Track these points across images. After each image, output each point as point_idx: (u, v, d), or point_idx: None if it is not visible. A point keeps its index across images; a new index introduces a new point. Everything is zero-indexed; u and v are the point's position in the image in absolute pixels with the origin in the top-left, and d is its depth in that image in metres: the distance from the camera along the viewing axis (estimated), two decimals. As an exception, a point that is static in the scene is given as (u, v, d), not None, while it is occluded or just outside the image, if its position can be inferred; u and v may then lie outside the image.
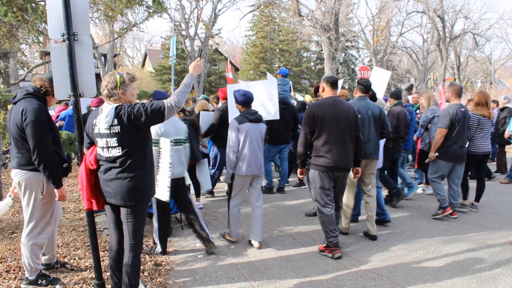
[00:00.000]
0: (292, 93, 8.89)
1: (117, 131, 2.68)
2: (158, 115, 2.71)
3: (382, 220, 5.02)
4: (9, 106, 3.58)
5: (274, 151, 6.78)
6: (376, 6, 43.86)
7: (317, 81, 24.54)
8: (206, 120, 6.08)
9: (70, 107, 9.01)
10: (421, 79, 36.38)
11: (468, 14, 30.50)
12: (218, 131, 6.04)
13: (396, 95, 6.21)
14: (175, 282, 3.52)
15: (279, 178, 7.09)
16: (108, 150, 2.74)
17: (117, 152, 2.72)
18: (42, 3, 4.77)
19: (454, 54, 31.70)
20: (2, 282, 3.37)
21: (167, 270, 3.76)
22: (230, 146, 4.24)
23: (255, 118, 4.30)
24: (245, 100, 4.32)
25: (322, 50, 19.21)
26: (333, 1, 16.74)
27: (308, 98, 10.08)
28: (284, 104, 6.56)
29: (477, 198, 5.71)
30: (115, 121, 2.68)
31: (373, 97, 5.10)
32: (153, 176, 3.00)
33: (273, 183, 6.98)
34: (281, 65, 39.73)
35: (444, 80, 22.36)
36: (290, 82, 7.25)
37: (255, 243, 4.35)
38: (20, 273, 3.54)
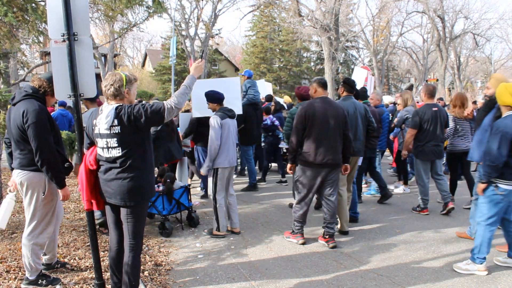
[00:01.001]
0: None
1: (117, 131, 2.69)
2: (157, 116, 2.71)
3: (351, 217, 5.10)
4: (9, 106, 3.57)
5: (250, 151, 7.01)
6: (376, 6, 43.91)
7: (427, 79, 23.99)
8: (184, 121, 6.25)
9: (59, 108, 9.00)
10: (421, 79, 36.38)
11: (468, 14, 30.52)
12: (200, 130, 6.06)
13: (361, 95, 6.19)
14: (175, 282, 3.52)
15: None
16: (108, 150, 2.74)
17: (117, 152, 2.72)
18: (42, 3, 4.77)
19: (454, 54, 31.70)
20: (2, 282, 3.37)
21: (167, 270, 3.76)
22: (213, 140, 4.47)
23: (232, 114, 4.71)
24: (220, 98, 4.71)
25: (322, 50, 19.20)
26: (333, 1, 16.73)
27: (286, 99, 10.32)
28: (256, 105, 6.85)
29: (472, 193, 5.72)
30: (115, 122, 2.68)
31: (356, 95, 5.24)
32: (153, 176, 3.01)
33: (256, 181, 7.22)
34: (281, 65, 39.77)
35: (426, 80, 22.57)
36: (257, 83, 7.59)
37: (236, 230, 4.79)
38: (20, 273, 3.54)
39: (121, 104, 2.74)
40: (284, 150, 7.78)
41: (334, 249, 4.26)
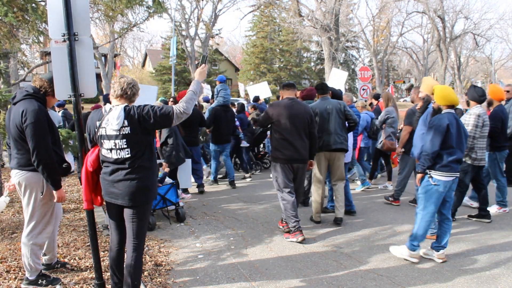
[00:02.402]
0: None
1: (127, 132, 2.69)
2: (166, 120, 2.74)
3: (348, 211, 5.42)
4: (10, 106, 3.57)
5: (218, 150, 7.39)
6: (376, 6, 43.91)
7: (318, 81, 24.60)
8: None
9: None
10: (421, 79, 36.36)
11: (468, 14, 30.58)
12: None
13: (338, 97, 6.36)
14: (175, 282, 3.52)
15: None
16: (117, 152, 2.73)
17: (126, 153, 2.72)
18: (43, 3, 4.77)
19: (455, 54, 31.71)
20: (2, 282, 3.37)
21: (167, 270, 3.76)
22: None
23: None
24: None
25: (322, 50, 19.20)
26: (334, 1, 16.73)
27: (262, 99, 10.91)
28: (226, 107, 7.40)
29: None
30: (125, 122, 2.69)
31: (337, 96, 5.55)
32: (157, 176, 3.02)
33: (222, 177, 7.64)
34: (281, 65, 39.78)
35: (394, 82, 22.83)
36: (229, 88, 8.11)
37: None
38: (20, 273, 3.54)
39: (127, 104, 2.76)
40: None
41: (334, 249, 4.26)
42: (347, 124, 5.14)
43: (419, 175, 3.92)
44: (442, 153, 3.74)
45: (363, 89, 11.98)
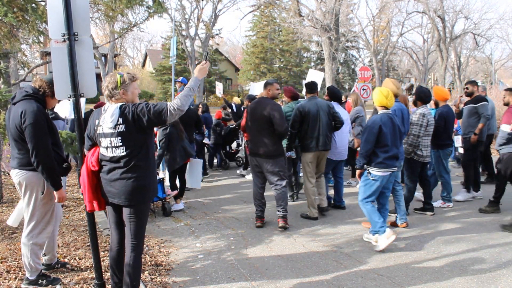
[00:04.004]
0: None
1: (121, 130, 2.68)
2: (159, 118, 2.69)
3: (337, 206, 5.80)
4: (9, 106, 3.57)
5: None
6: (376, 6, 43.93)
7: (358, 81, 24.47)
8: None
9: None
10: (421, 79, 36.37)
11: (468, 14, 30.51)
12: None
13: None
14: (175, 282, 3.52)
15: None
16: (112, 150, 2.73)
17: (121, 152, 2.72)
18: (43, 3, 4.77)
19: (455, 54, 31.69)
20: (3, 282, 3.37)
21: (167, 270, 3.76)
22: None
23: (55, 116, 5.59)
24: None
25: (322, 50, 19.19)
26: (334, 1, 16.72)
27: (235, 100, 11.27)
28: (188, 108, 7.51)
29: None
30: (120, 120, 2.68)
31: (337, 95, 5.83)
32: (156, 176, 3.01)
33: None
34: (282, 65, 39.78)
35: (357, 81, 23.12)
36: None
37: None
38: (20, 273, 3.54)
39: (124, 103, 2.75)
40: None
41: (334, 249, 4.26)
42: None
43: (358, 171, 4.40)
44: (377, 151, 4.18)
45: (363, 89, 11.97)
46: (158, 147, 5.81)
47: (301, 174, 6.32)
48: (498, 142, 5.27)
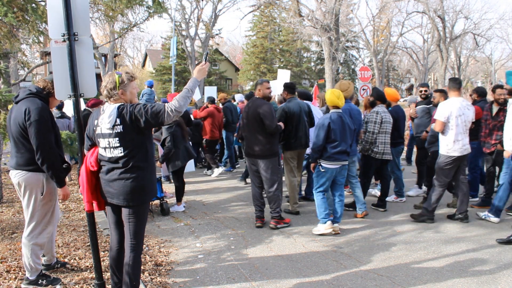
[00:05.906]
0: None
1: (119, 130, 2.68)
2: (157, 119, 2.67)
3: (307, 198, 6.20)
4: (10, 106, 3.58)
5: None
6: (376, 6, 43.93)
7: (318, 81, 24.65)
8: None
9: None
10: (421, 79, 36.36)
11: (468, 14, 30.52)
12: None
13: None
14: (175, 282, 3.52)
15: None
16: (110, 150, 2.73)
17: (119, 152, 2.71)
18: (43, 3, 4.78)
19: (455, 54, 31.70)
20: (3, 282, 3.37)
21: (167, 270, 3.76)
22: None
23: None
24: None
25: (322, 50, 19.17)
26: (334, 1, 16.71)
27: (221, 96, 11.35)
28: None
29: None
30: (118, 121, 2.67)
31: (306, 95, 6.25)
32: (155, 176, 3.00)
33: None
34: (282, 65, 39.74)
35: (317, 82, 23.21)
36: (155, 92, 8.23)
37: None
38: (20, 273, 3.54)
39: (123, 103, 2.74)
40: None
41: (334, 249, 4.26)
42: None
43: (312, 164, 4.82)
44: (327, 147, 4.61)
45: (363, 89, 11.96)
46: (162, 147, 5.80)
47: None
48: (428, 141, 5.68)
